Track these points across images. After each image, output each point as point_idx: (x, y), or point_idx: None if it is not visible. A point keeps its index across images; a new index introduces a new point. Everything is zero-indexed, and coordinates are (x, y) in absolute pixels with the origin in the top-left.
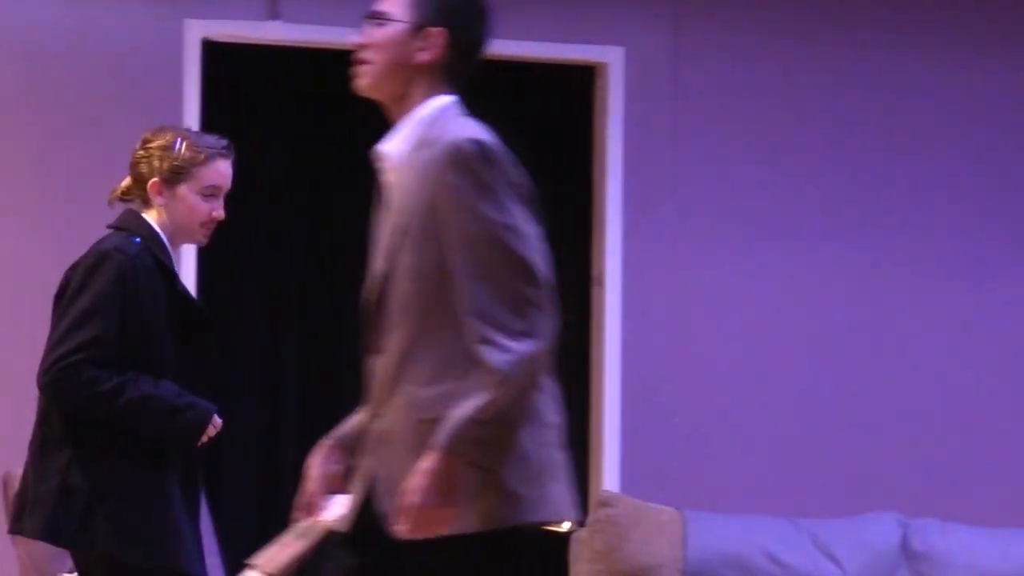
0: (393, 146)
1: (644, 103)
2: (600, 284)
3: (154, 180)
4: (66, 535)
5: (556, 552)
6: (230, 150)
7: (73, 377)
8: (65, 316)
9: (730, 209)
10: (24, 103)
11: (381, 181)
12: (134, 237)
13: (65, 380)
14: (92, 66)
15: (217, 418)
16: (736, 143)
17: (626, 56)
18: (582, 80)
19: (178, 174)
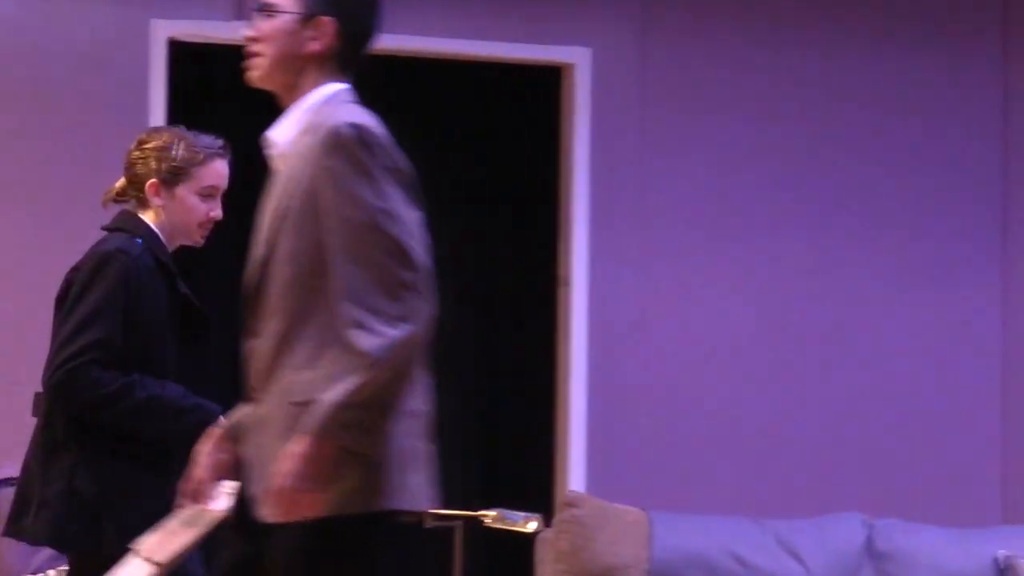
0: (281, 133)
1: (611, 104)
2: (566, 284)
3: (152, 181)
4: (73, 538)
5: (410, 542)
6: (227, 150)
7: (80, 379)
8: (70, 318)
9: (696, 210)
10: None
11: (270, 167)
12: (135, 238)
13: (71, 382)
14: (58, 66)
15: (223, 419)
16: (702, 144)
17: (592, 57)
18: (549, 81)
19: (177, 175)
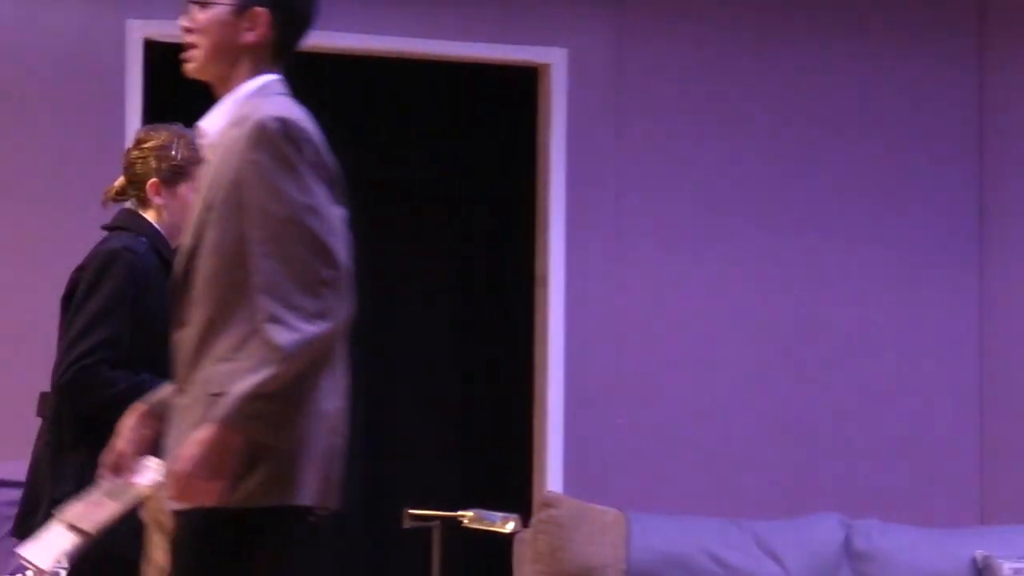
0: (211, 123)
1: (587, 104)
2: (543, 284)
3: (153, 180)
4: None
5: (313, 538)
6: None
7: (90, 378)
8: (78, 317)
9: (673, 210)
10: None
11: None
12: (139, 236)
13: (82, 381)
14: (34, 66)
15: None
16: (679, 144)
17: (569, 57)
18: (525, 81)
19: (177, 174)
